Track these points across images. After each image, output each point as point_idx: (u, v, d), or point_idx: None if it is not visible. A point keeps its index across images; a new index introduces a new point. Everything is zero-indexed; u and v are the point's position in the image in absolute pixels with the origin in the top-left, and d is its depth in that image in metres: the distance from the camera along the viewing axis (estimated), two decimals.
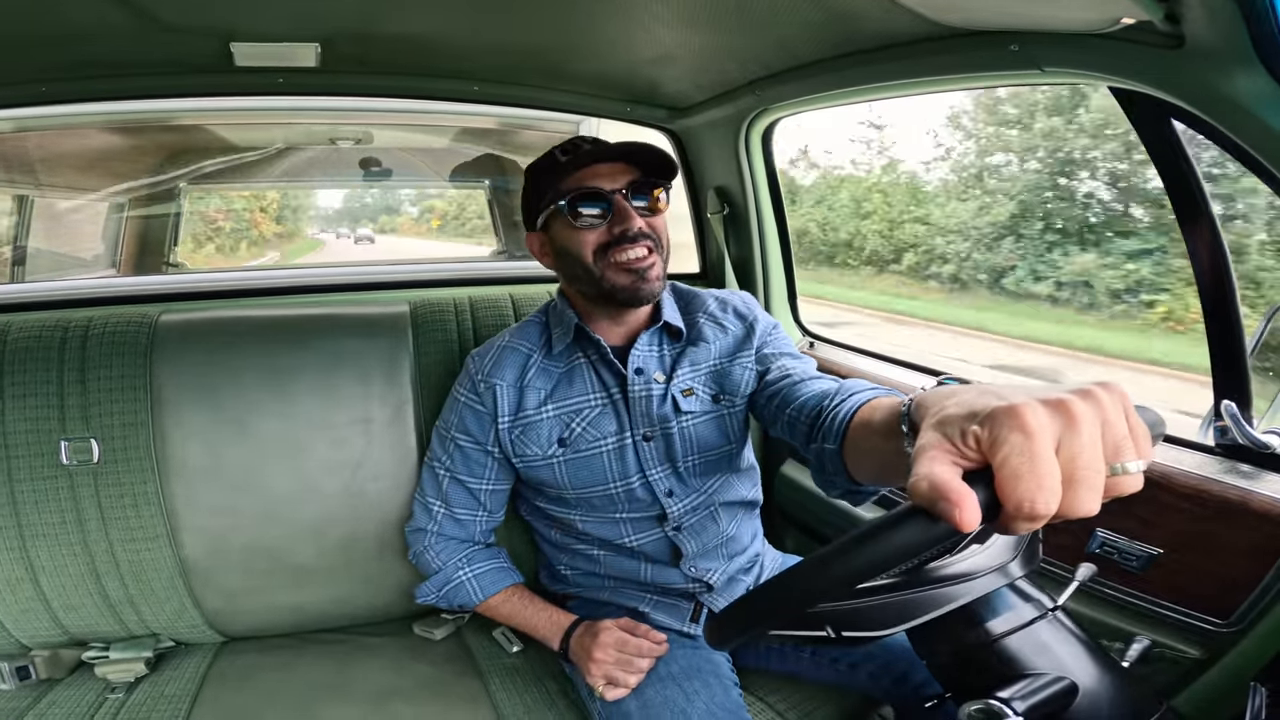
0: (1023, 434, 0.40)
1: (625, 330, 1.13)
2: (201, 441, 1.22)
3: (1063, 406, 0.41)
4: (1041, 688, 0.55)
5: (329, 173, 3.46)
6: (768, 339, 1.15)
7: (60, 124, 2.48)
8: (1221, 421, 0.94)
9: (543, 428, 1.11)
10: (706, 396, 1.12)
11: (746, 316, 1.17)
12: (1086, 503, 0.40)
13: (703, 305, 1.19)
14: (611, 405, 1.11)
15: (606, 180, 1.03)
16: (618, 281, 1.03)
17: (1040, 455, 0.40)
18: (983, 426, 0.42)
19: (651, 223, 1.05)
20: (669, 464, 1.11)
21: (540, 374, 1.12)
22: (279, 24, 1.12)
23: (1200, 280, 0.93)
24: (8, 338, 1.19)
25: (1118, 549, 0.99)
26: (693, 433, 1.11)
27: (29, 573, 1.15)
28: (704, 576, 1.15)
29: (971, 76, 1.01)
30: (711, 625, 0.59)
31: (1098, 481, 0.41)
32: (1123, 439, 0.42)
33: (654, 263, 1.04)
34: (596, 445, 1.10)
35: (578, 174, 1.03)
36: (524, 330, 1.17)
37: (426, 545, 1.18)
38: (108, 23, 1.04)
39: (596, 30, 1.18)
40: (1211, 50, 0.70)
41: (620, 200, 1.02)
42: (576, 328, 1.10)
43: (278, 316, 1.36)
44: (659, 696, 1.02)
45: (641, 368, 1.10)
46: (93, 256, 2.98)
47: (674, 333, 1.14)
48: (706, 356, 1.13)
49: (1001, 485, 0.40)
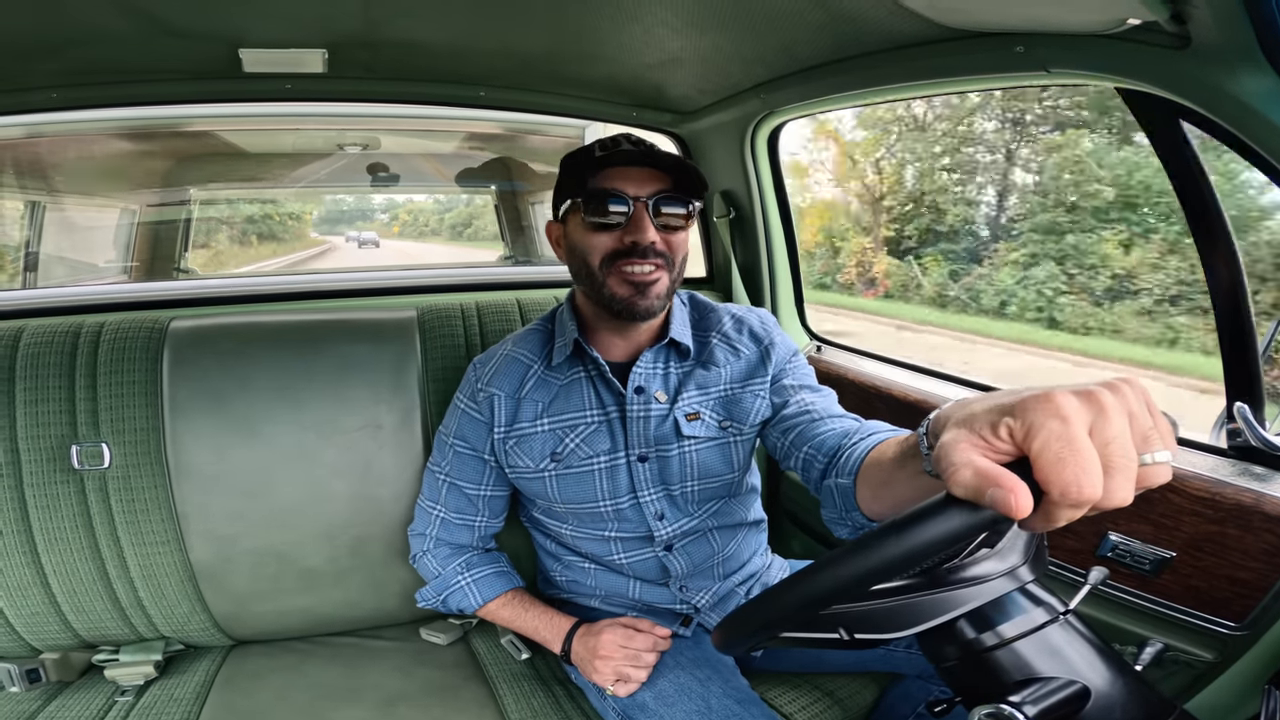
0: (1060, 420, 0.41)
1: (629, 345, 1.09)
2: (211, 446, 1.22)
3: (1092, 396, 0.41)
4: (1053, 691, 0.55)
5: (334, 179, 3.48)
6: (786, 367, 1.10)
7: (71, 130, 2.51)
8: (1234, 424, 0.94)
9: (536, 441, 1.09)
10: (713, 422, 1.08)
11: (762, 340, 1.11)
12: (1123, 490, 0.41)
13: (718, 324, 1.13)
14: (607, 423, 1.08)
15: (633, 185, 0.98)
16: (617, 292, 0.99)
17: (1080, 439, 0.40)
18: (1015, 417, 0.42)
19: (669, 240, 1.00)
20: (662, 487, 1.09)
21: (539, 386, 1.10)
22: (286, 30, 1.13)
23: (1212, 282, 0.92)
24: (20, 343, 1.20)
25: (1130, 552, 0.99)
26: (694, 458, 1.08)
27: (39, 576, 1.16)
28: (691, 599, 1.14)
29: (977, 78, 1.01)
30: (719, 630, 0.59)
31: (1132, 470, 0.41)
32: (1150, 430, 0.43)
33: (659, 279, 0.99)
34: (589, 463, 1.08)
35: (606, 172, 0.99)
36: (527, 339, 1.14)
37: (426, 549, 1.19)
38: (118, 29, 1.05)
39: (601, 35, 1.18)
40: (1218, 50, 0.70)
41: (640, 209, 0.97)
42: (576, 342, 1.07)
43: (287, 322, 1.37)
44: (673, 685, 1.02)
45: (643, 386, 1.07)
46: (104, 262, 3.01)
47: (682, 351, 1.10)
48: (717, 381, 1.09)
49: (1045, 471, 0.40)
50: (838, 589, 0.49)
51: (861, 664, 1.19)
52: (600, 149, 1.00)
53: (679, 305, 1.13)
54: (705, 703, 0.98)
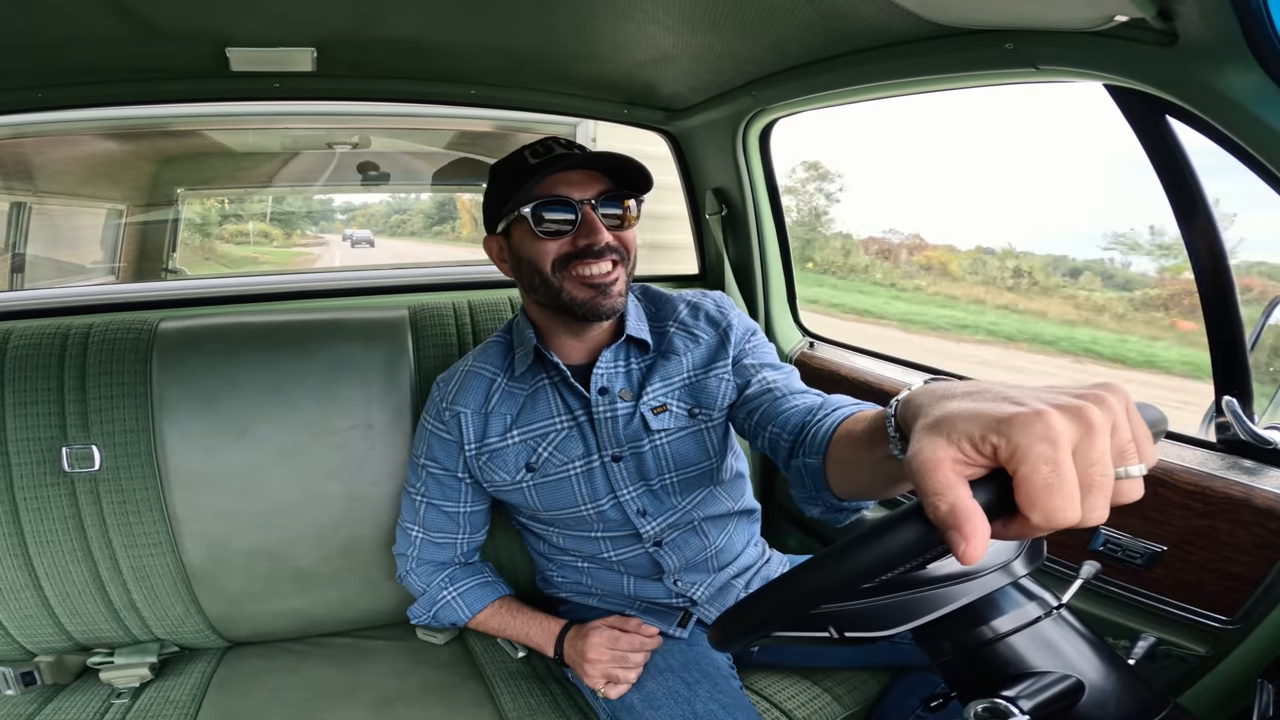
0: (1048, 443, 0.39)
1: (587, 347, 1.08)
2: (202, 447, 1.22)
3: (1081, 414, 0.40)
4: (1047, 686, 0.55)
5: (323, 178, 3.46)
6: (745, 347, 1.09)
7: (56, 130, 2.48)
8: (1223, 417, 0.95)
9: (509, 454, 1.08)
10: (682, 412, 1.07)
11: (719, 323, 1.10)
12: (1100, 509, 0.40)
13: (674, 312, 1.12)
14: (577, 428, 1.07)
15: (576, 189, 0.97)
16: (577, 295, 0.98)
17: (1065, 464, 0.39)
18: (1002, 435, 0.40)
19: (620, 236, 1.00)
20: (642, 483, 1.08)
21: (505, 398, 1.09)
22: (274, 29, 1.12)
23: (1199, 276, 0.93)
24: (8, 345, 1.19)
25: (1121, 546, 1.00)
26: (667, 450, 1.07)
27: (32, 579, 1.15)
28: (688, 591, 1.14)
29: (966, 75, 1.01)
30: (714, 629, 0.59)
31: (1110, 488, 0.40)
32: (1127, 444, 0.41)
33: (617, 277, 0.99)
34: (564, 469, 1.07)
35: (547, 179, 0.97)
36: (487, 352, 1.13)
37: (409, 569, 1.19)
38: (104, 29, 1.04)
39: (592, 33, 1.18)
40: (1205, 47, 0.70)
41: (588, 211, 0.97)
42: (535, 349, 1.07)
43: (277, 322, 1.36)
44: (661, 688, 1.02)
45: (606, 387, 1.06)
46: (91, 263, 2.98)
47: (641, 345, 1.09)
48: (679, 370, 1.08)
49: (1028, 496, 0.39)
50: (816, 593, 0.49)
51: (867, 656, 1.20)
52: (534, 156, 0.99)
53: (632, 300, 1.12)
54: (690, 707, 0.98)
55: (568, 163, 0.96)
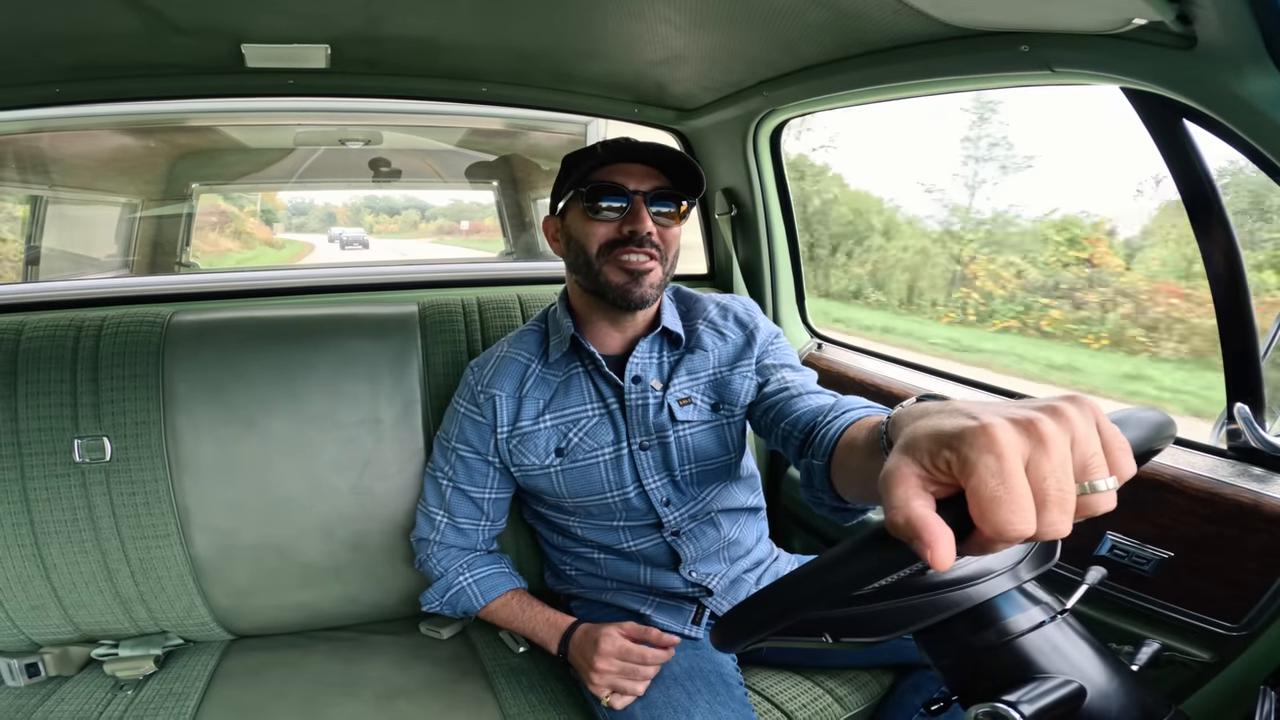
0: (995, 456, 0.39)
1: (624, 337, 1.12)
2: (212, 440, 1.23)
3: (1032, 426, 0.39)
4: (1050, 690, 0.54)
5: (335, 175, 3.48)
6: (769, 348, 1.14)
7: (73, 125, 2.51)
8: (1234, 424, 0.94)
9: (540, 438, 1.11)
10: (705, 406, 1.11)
11: (747, 324, 1.16)
12: (1058, 524, 0.39)
13: (703, 311, 1.18)
14: (609, 415, 1.11)
15: (633, 180, 1.03)
16: (612, 279, 1.03)
17: (1013, 476, 0.38)
18: (953, 450, 0.40)
19: (664, 233, 1.05)
20: (666, 473, 1.11)
21: (539, 383, 1.13)
22: (289, 26, 1.13)
23: (1214, 282, 0.92)
24: (22, 337, 1.20)
25: (1128, 552, 0.99)
26: (690, 442, 1.10)
27: (40, 569, 1.17)
28: (704, 581, 1.15)
29: (981, 77, 1.00)
30: (715, 631, 0.59)
31: (1069, 503, 0.39)
32: (1092, 457, 0.41)
33: (653, 269, 1.04)
34: (593, 455, 1.10)
35: (609, 167, 1.04)
36: (522, 339, 1.17)
37: (430, 554, 1.20)
38: (120, 25, 1.05)
39: (604, 32, 1.18)
40: (1224, 51, 0.70)
41: (639, 201, 1.03)
42: (572, 338, 1.10)
43: (288, 317, 1.37)
44: (662, 698, 1.02)
45: (639, 375, 1.10)
46: (106, 257, 3.01)
47: (674, 339, 1.13)
48: (705, 365, 1.12)
49: (978, 509, 0.39)
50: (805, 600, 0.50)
51: (869, 656, 1.19)
52: (604, 148, 1.04)
53: (667, 299, 1.17)
54: (690, 717, 0.98)
55: (632, 153, 1.03)
